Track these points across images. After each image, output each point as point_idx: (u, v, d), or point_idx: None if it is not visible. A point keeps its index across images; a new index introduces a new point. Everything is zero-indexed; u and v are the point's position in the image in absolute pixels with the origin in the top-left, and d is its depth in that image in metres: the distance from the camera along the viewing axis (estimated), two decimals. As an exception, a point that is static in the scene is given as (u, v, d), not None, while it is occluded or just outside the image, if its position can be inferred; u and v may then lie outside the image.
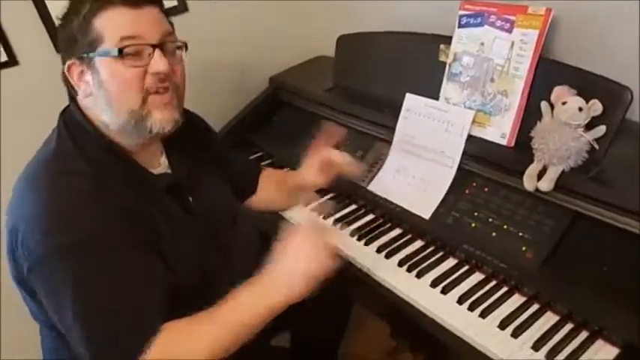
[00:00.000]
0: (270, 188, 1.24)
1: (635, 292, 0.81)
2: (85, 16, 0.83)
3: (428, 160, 1.15)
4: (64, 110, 0.92)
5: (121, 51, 0.82)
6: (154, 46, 0.85)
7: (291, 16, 1.70)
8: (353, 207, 1.21)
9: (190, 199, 0.98)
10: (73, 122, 0.89)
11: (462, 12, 1.13)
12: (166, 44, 0.87)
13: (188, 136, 1.00)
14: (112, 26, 0.83)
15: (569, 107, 0.92)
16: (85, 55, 0.84)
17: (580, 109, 0.91)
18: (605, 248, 0.87)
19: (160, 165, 0.97)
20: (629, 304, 0.80)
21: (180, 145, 0.99)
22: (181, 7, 1.47)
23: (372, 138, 1.29)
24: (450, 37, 1.17)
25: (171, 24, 0.92)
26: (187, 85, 1.45)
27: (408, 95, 1.20)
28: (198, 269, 0.92)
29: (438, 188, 1.11)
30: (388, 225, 1.13)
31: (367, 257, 1.06)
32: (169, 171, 0.98)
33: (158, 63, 0.85)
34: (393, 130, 1.22)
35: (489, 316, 0.88)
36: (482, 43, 1.10)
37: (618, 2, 0.97)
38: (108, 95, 0.85)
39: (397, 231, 1.12)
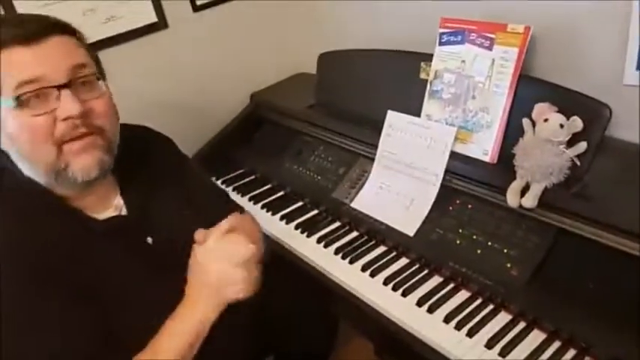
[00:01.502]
0: None
1: (620, 309, 0.81)
2: None
3: (411, 177, 1.14)
4: None
5: (17, 99, 0.72)
6: (59, 87, 0.74)
7: (273, 33, 1.69)
8: (336, 224, 1.20)
9: (149, 240, 0.88)
10: (5, 171, 0.80)
11: (442, 30, 1.14)
12: (77, 81, 0.76)
13: (149, 164, 0.92)
14: (8, 70, 0.72)
15: (550, 124, 0.92)
16: None
17: (561, 126, 0.92)
18: (590, 264, 0.87)
19: (112, 207, 0.87)
20: (615, 320, 0.80)
21: (138, 177, 0.90)
22: (161, 24, 1.45)
23: (355, 155, 1.28)
24: (431, 55, 1.17)
25: (91, 52, 0.82)
26: (168, 100, 1.43)
27: (390, 112, 1.20)
28: (148, 323, 0.83)
29: (421, 205, 1.10)
30: (372, 242, 1.12)
31: (352, 276, 1.05)
32: (124, 212, 0.88)
33: (67, 105, 0.73)
34: (375, 146, 1.22)
35: (476, 335, 0.87)
36: (463, 61, 1.11)
37: (597, 20, 0.99)
38: (18, 148, 0.76)
39: (381, 248, 1.10)
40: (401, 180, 1.16)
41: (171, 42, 1.49)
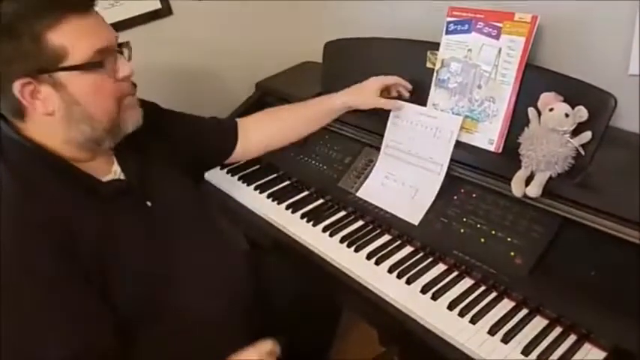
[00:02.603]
0: (264, 128, 1.22)
1: (622, 296, 0.82)
2: (38, 32, 0.76)
3: (416, 166, 1.15)
4: None
5: (88, 64, 0.80)
6: (117, 52, 0.85)
7: (278, 21, 1.69)
8: (342, 213, 1.21)
9: (149, 203, 0.94)
10: (7, 140, 0.84)
11: (449, 19, 1.14)
12: (121, 46, 0.87)
13: (138, 134, 0.94)
14: (77, 39, 0.79)
15: (556, 114, 0.93)
16: (45, 74, 0.78)
17: (566, 116, 0.92)
18: (593, 253, 0.88)
19: (111, 172, 0.93)
20: (616, 307, 0.81)
21: (132, 148, 0.95)
22: (165, 11, 1.46)
23: (361, 144, 1.29)
24: (438, 44, 1.17)
25: None
26: (173, 89, 1.44)
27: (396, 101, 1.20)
28: (146, 289, 0.88)
29: (426, 194, 1.11)
30: (377, 231, 1.13)
31: (357, 264, 1.06)
32: (122, 177, 0.93)
33: (125, 67, 0.86)
34: (381, 136, 1.23)
35: (479, 322, 0.89)
36: (469, 50, 1.11)
37: (603, 10, 0.99)
38: (85, 109, 0.83)
39: (386, 237, 1.12)
40: (406, 170, 1.17)
41: (176, 29, 1.49)
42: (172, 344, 0.92)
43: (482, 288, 0.95)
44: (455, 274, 0.99)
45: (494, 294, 0.94)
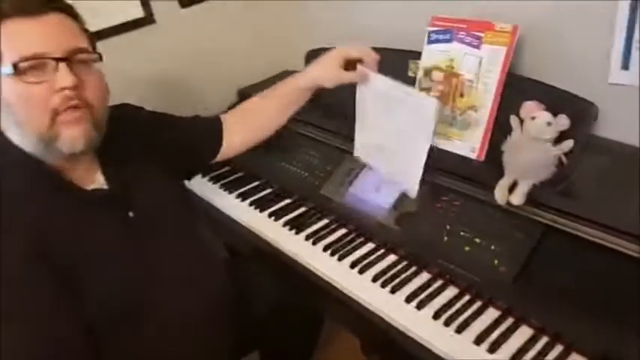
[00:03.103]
0: (245, 123, 1.20)
1: (607, 304, 0.82)
2: None
3: (398, 140, 1.10)
4: None
5: (16, 67, 0.76)
6: (57, 60, 0.78)
7: (260, 30, 1.69)
8: (325, 221, 1.20)
9: (131, 214, 0.92)
10: None
11: (431, 28, 1.14)
12: (75, 56, 0.80)
13: (122, 140, 0.93)
14: (10, 42, 0.76)
15: (538, 122, 0.93)
16: None
17: (548, 124, 0.93)
18: (578, 261, 0.88)
19: (95, 182, 0.90)
20: (602, 316, 0.81)
21: (116, 154, 0.92)
22: (148, 19, 1.44)
23: (342, 152, 1.28)
24: (419, 53, 1.18)
25: (86, 30, 0.86)
26: (155, 97, 1.42)
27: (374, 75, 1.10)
28: (122, 297, 0.87)
29: (415, 164, 1.06)
30: (361, 239, 1.12)
31: (341, 273, 1.05)
32: (105, 187, 0.91)
33: (63, 77, 0.77)
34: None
35: (465, 332, 0.88)
36: (451, 59, 1.12)
37: (583, 19, 1.00)
38: (13, 116, 0.79)
39: (370, 245, 1.10)
40: (391, 141, 1.12)
41: (158, 38, 1.47)
42: (147, 350, 0.91)
43: (467, 297, 0.94)
44: (439, 282, 0.98)
45: (479, 303, 0.93)
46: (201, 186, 1.41)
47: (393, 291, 0.98)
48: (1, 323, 0.73)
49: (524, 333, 0.86)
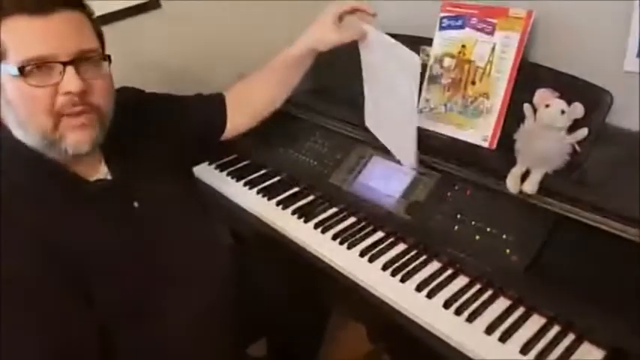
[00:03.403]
0: (249, 97, 1.18)
1: (619, 295, 0.81)
2: None
3: (391, 99, 1.07)
4: None
5: (22, 70, 0.73)
6: (64, 63, 0.75)
7: (267, 14, 1.66)
8: (334, 210, 1.19)
9: (136, 204, 0.90)
10: None
11: (443, 14, 1.13)
12: (83, 58, 0.78)
13: (125, 128, 0.90)
14: (16, 41, 0.74)
15: (552, 110, 0.92)
16: None
17: (562, 112, 0.91)
18: (590, 250, 0.88)
19: (99, 173, 0.89)
20: (614, 306, 0.80)
21: (120, 143, 0.90)
22: (153, 4, 1.42)
23: (352, 140, 1.27)
24: (430, 39, 1.16)
25: (97, 28, 0.83)
26: (159, 82, 1.40)
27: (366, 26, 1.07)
28: (129, 289, 0.86)
29: (408, 134, 1.05)
30: (370, 228, 1.11)
31: (351, 261, 1.04)
32: (108, 177, 0.89)
33: (70, 82, 0.75)
34: (372, 132, 1.21)
35: (476, 321, 0.88)
36: (463, 46, 1.10)
37: (599, 6, 0.98)
38: (16, 115, 0.78)
39: (380, 234, 1.10)
40: (386, 101, 1.10)
41: (164, 23, 1.46)
42: (156, 343, 0.90)
43: (478, 286, 0.94)
44: (450, 271, 0.98)
45: (490, 292, 0.92)
46: (208, 174, 1.40)
47: (403, 280, 0.97)
48: (10, 323, 0.73)
49: (535, 322, 0.86)
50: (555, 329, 0.84)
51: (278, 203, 1.24)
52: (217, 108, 1.15)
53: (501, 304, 0.90)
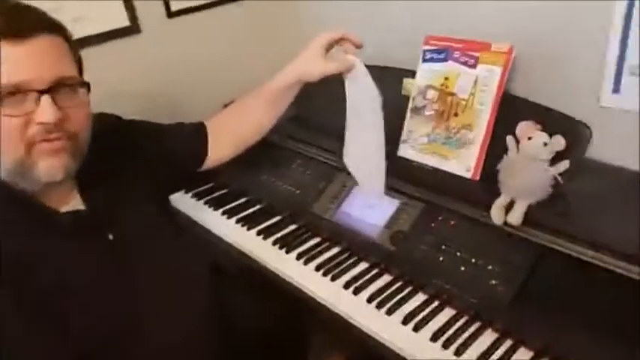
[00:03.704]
0: (232, 125, 1.16)
1: (606, 326, 0.82)
2: None
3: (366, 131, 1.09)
4: None
5: None
6: (40, 92, 0.72)
7: (248, 40, 1.67)
8: (317, 240, 1.17)
9: (110, 236, 0.87)
10: None
11: (426, 47, 1.15)
12: (60, 86, 0.75)
13: (100, 156, 0.86)
14: None
15: (534, 142, 0.94)
16: None
17: (545, 144, 0.93)
18: (575, 282, 0.88)
19: (71, 203, 0.84)
20: (600, 337, 0.81)
21: (94, 172, 0.85)
22: (134, 28, 1.40)
23: (334, 169, 1.26)
24: (412, 71, 1.18)
25: (76, 53, 0.81)
26: (140, 108, 1.38)
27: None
28: (103, 324, 0.82)
29: (378, 165, 1.09)
30: (354, 259, 1.10)
31: (334, 294, 1.02)
32: (82, 207, 0.85)
33: (45, 112, 0.72)
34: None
35: (464, 355, 0.86)
36: (446, 78, 1.12)
37: (576, 42, 1.02)
38: None
39: (364, 265, 1.08)
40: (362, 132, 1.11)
41: (144, 48, 1.44)
42: None
43: (465, 318, 0.93)
44: (436, 303, 0.97)
45: (477, 324, 0.91)
46: (184, 202, 1.37)
47: (389, 312, 0.96)
48: None
49: (523, 355, 0.85)
50: (544, 362, 0.84)
51: (258, 233, 1.21)
52: (197, 137, 1.13)
53: (489, 336, 0.89)
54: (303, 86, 1.37)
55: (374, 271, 1.06)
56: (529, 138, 0.95)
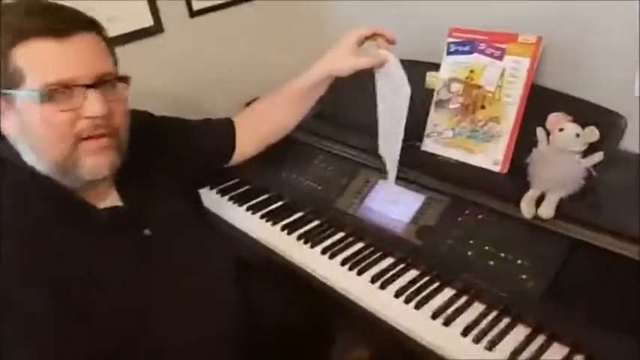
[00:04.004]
0: (259, 121, 1.16)
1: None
2: (6, 48, 0.71)
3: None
4: None
5: (43, 94, 0.71)
6: (87, 86, 0.74)
7: (271, 42, 1.67)
8: (341, 235, 1.16)
9: (147, 232, 0.87)
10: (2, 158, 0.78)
11: (450, 39, 1.13)
12: (102, 82, 0.76)
13: (134, 152, 0.86)
14: (35, 65, 0.71)
15: (566, 134, 0.92)
16: (6, 92, 0.73)
17: (577, 136, 0.91)
18: (608, 275, 0.86)
19: (108, 200, 0.85)
20: (635, 331, 0.78)
21: (130, 169, 0.86)
22: (157, 28, 1.41)
23: (357, 164, 1.25)
24: (436, 64, 1.17)
25: (112, 50, 0.82)
26: (162, 107, 1.39)
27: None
28: (131, 320, 0.83)
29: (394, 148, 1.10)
30: (380, 253, 1.09)
31: (361, 288, 1.01)
32: (120, 203, 0.86)
33: (93, 106, 0.74)
34: (378, 156, 1.19)
35: (496, 349, 0.85)
36: (471, 71, 1.11)
37: (608, 32, 1.00)
38: (31, 140, 0.75)
39: (390, 260, 1.07)
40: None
41: (167, 47, 1.45)
42: None
43: (495, 313, 0.91)
44: (465, 298, 0.95)
45: (507, 319, 0.90)
46: (208, 198, 1.37)
47: (417, 307, 0.94)
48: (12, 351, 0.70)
49: (557, 351, 0.83)
50: (579, 358, 0.81)
51: (282, 228, 1.21)
52: (225, 134, 1.13)
53: (521, 331, 0.87)
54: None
55: (400, 266, 1.05)
56: (560, 129, 0.93)
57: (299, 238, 1.17)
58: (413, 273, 1.03)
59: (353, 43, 1.04)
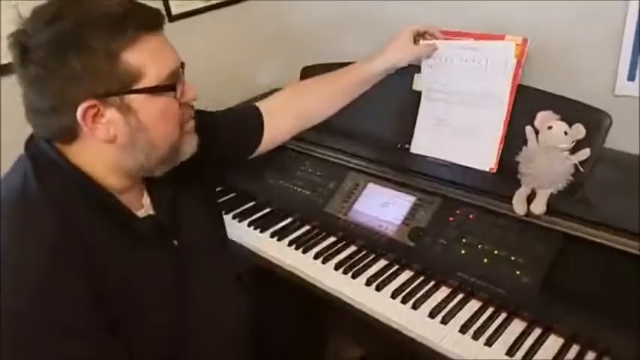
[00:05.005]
0: (292, 109, 1.15)
1: (632, 310, 0.81)
2: (114, 50, 0.68)
3: (469, 105, 1.10)
4: (28, 145, 0.77)
5: (170, 87, 0.74)
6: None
7: (249, 47, 1.66)
8: (332, 239, 1.16)
9: (175, 242, 0.85)
10: (47, 162, 0.74)
11: (437, 42, 1.15)
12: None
13: None
14: (154, 59, 0.72)
15: (555, 131, 0.94)
16: (115, 96, 0.70)
17: (565, 133, 0.94)
18: (600, 268, 0.88)
19: (143, 207, 0.83)
20: (632, 322, 0.80)
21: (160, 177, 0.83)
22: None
23: (346, 168, 1.25)
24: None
25: None
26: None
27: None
28: (162, 333, 0.81)
29: (491, 132, 1.07)
30: (372, 256, 1.09)
31: (357, 291, 1.00)
32: (152, 212, 0.84)
33: (191, 90, 0.79)
34: (366, 159, 1.20)
35: (495, 344, 0.86)
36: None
37: (590, 32, 1.03)
38: (150, 136, 0.74)
39: (383, 262, 1.07)
40: (458, 111, 1.12)
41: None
42: None
43: (491, 309, 0.92)
44: (461, 296, 0.96)
45: (504, 314, 0.91)
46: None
47: (414, 307, 0.95)
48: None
49: (554, 342, 0.85)
50: (575, 348, 0.83)
51: (272, 235, 1.20)
52: (252, 124, 1.10)
53: (518, 325, 0.89)
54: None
55: (394, 268, 1.05)
56: (549, 127, 0.95)
57: (290, 244, 1.16)
58: (408, 274, 1.03)
59: (410, 35, 1.13)
